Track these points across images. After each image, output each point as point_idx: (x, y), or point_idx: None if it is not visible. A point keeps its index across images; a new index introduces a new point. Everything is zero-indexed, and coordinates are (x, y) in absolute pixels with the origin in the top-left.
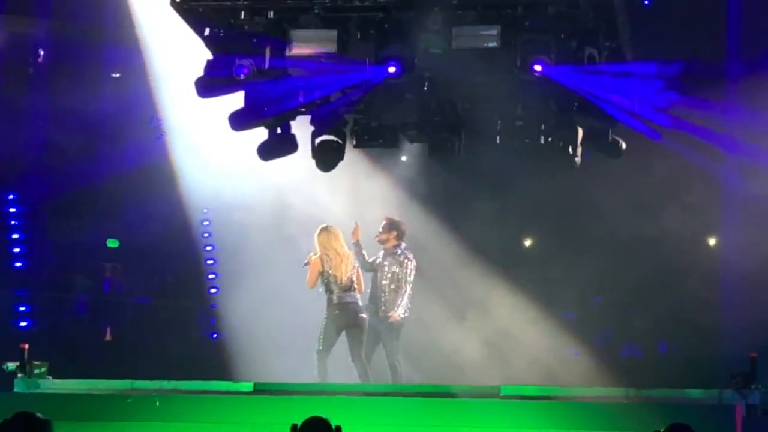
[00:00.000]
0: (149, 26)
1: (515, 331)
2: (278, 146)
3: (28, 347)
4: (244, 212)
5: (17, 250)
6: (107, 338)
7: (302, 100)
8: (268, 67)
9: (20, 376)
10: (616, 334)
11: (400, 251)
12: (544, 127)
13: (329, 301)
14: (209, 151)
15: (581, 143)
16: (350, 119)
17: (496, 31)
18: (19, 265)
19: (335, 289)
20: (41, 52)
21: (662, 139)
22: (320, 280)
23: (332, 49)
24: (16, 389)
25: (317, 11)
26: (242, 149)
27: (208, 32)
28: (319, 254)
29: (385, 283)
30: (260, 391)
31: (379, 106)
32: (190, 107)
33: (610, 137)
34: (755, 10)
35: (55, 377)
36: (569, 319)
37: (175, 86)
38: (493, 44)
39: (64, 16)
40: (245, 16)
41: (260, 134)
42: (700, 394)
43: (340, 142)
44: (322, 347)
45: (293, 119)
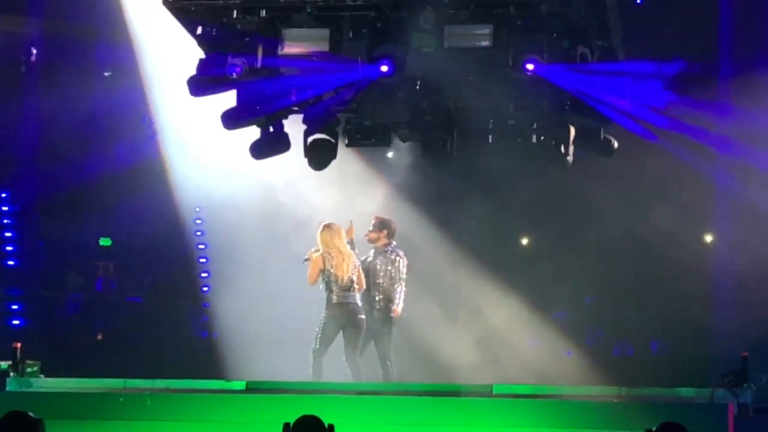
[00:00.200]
0: (141, 25)
1: (507, 330)
2: (271, 145)
3: (20, 346)
4: (236, 211)
5: (9, 248)
6: (99, 337)
7: (295, 98)
8: (260, 65)
9: (12, 374)
10: (607, 333)
11: (390, 249)
12: (536, 126)
13: (328, 300)
14: (201, 150)
15: (573, 142)
16: (343, 118)
17: (488, 30)
18: (11, 263)
19: (335, 288)
20: (33, 50)
21: (654, 138)
22: (320, 278)
23: (325, 48)
24: (8, 388)
25: (310, 10)
26: (235, 148)
27: (200, 31)
28: (321, 251)
29: (378, 282)
30: (252, 389)
31: (371, 105)
32: (182, 106)
33: (602, 136)
34: (747, 10)
35: (47, 376)
36: (561, 318)
37: (167, 85)
38: (485, 43)
39: (56, 14)
40: (237, 14)
41: (253, 133)
42: (692, 392)
43: (332, 140)
44: (319, 346)
45: (286, 118)
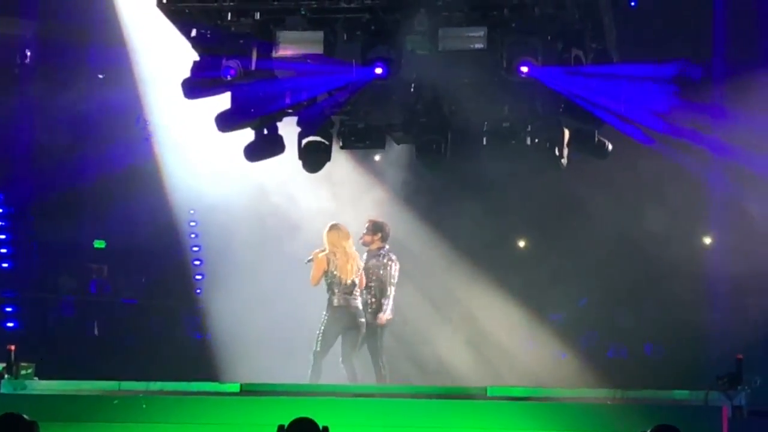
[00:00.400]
0: (136, 27)
1: (502, 332)
2: (265, 147)
3: (14, 348)
4: (230, 213)
5: (4, 250)
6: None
7: (289, 101)
8: (254, 68)
9: (7, 377)
10: (602, 335)
11: (383, 253)
12: (530, 128)
13: (330, 302)
14: (196, 152)
15: (568, 145)
16: (337, 120)
17: (482, 32)
18: (5, 265)
19: (337, 290)
20: (28, 52)
21: (648, 140)
22: (324, 279)
23: (319, 50)
24: (2, 390)
25: (304, 13)
26: (229, 150)
27: (194, 33)
28: (326, 252)
29: (371, 285)
30: (247, 391)
31: (365, 107)
32: (176, 108)
33: (596, 139)
34: (741, 12)
35: (41, 378)
36: (556, 320)
37: (161, 87)
38: (479, 46)
39: (50, 17)
40: (232, 17)
41: (247, 135)
42: (686, 395)
43: (326, 143)
44: (320, 348)
45: (280, 120)
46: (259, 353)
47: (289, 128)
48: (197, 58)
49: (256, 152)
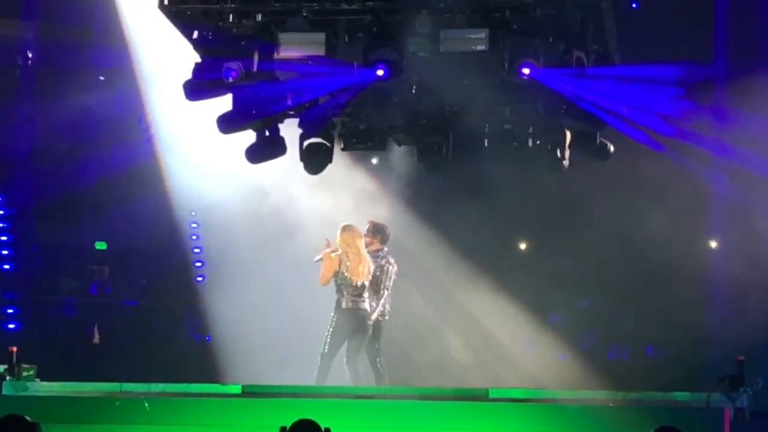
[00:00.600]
0: (137, 29)
1: (503, 334)
2: (266, 149)
3: (16, 350)
4: (231, 214)
5: (5, 252)
6: (95, 341)
7: (290, 102)
8: (256, 70)
9: (8, 378)
10: (603, 337)
11: (382, 255)
12: (532, 130)
13: (338, 304)
14: (197, 153)
15: (569, 146)
16: (338, 122)
17: (483, 34)
18: (6, 267)
19: (346, 292)
20: (29, 54)
21: (650, 142)
22: (333, 280)
23: (320, 52)
24: (4, 392)
25: (305, 14)
26: (230, 152)
27: (196, 35)
28: (338, 252)
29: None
30: (249, 393)
31: (367, 109)
32: (178, 110)
33: (597, 140)
34: (743, 13)
35: (43, 380)
36: (557, 322)
37: (163, 89)
38: (481, 47)
39: (51, 18)
40: (233, 19)
41: (248, 137)
42: (687, 397)
43: (328, 144)
44: (327, 350)
45: (281, 122)
46: (260, 354)
47: (290, 130)
48: (199, 59)
49: (257, 154)
